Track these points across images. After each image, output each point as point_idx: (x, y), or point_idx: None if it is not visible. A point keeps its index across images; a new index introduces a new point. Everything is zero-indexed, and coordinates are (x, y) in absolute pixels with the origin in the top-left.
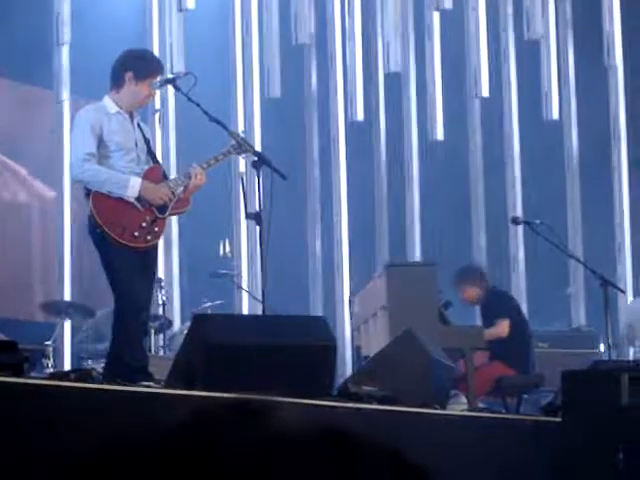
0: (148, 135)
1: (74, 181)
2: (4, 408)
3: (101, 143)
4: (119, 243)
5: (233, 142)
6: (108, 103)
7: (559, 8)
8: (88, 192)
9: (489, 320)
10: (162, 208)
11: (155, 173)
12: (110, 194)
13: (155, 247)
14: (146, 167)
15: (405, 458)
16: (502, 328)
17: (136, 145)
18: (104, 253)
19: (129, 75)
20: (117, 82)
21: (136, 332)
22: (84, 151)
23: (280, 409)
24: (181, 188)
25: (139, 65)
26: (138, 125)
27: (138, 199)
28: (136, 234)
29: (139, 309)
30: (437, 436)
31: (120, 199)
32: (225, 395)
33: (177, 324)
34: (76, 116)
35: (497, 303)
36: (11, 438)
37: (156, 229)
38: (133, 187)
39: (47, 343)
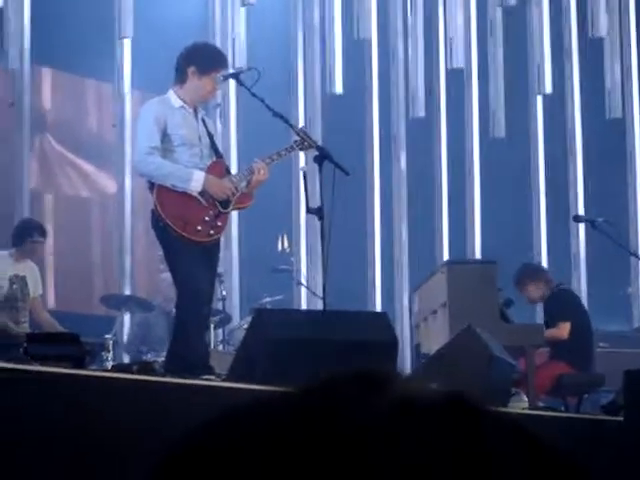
0: (212, 130)
1: (138, 174)
2: (65, 400)
3: (165, 137)
4: (182, 237)
5: (296, 138)
6: (172, 97)
7: (623, 5)
8: (152, 185)
9: (551, 320)
10: (225, 203)
11: (218, 168)
12: (174, 188)
13: (218, 242)
14: (209, 162)
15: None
16: (563, 331)
17: (200, 140)
18: (167, 247)
19: (192, 70)
20: (181, 76)
21: (198, 326)
22: (148, 144)
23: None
24: (244, 183)
25: (202, 59)
26: (202, 120)
27: (201, 193)
28: (199, 228)
29: (201, 303)
30: None
31: (184, 193)
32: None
33: (236, 319)
34: (141, 109)
35: (561, 303)
36: (73, 430)
37: (219, 224)
38: (197, 181)
39: (107, 336)
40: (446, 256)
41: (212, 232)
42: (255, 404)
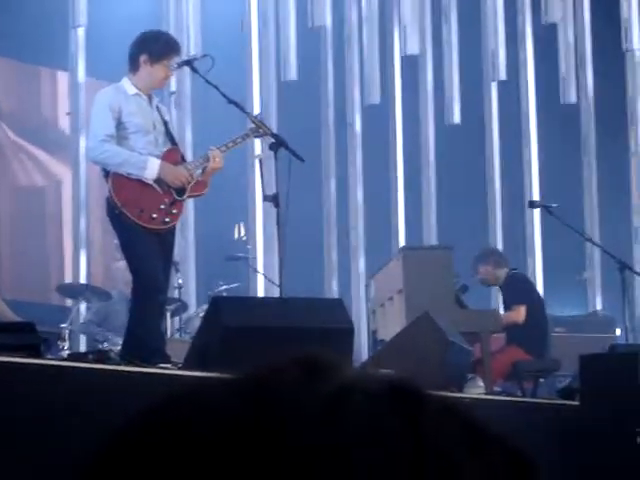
0: (166, 117)
1: (92, 162)
2: (21, 389)
3: (119, 124)
4: (137, 224)
5: (252, 125)
6: (126, 85)
7: None
8: (106, 173)
9: (507, 304)
10: (180, 191)
11: (173, 155)
12: (129, 175)
13: (173, 230)
14: (164, 149)
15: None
16: (518, 314)
17: (154, 127)
18: (122, 234)
19: (144, 58)
20: (133, 64)
21: (154, 313)
22: (103, 132)
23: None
24: (199, 171)
25: (154, 47)
26: (157, 107)
27: (157, 181)
28: (154, 216)
29: (157, 290)
30: None
31: (139, 180)
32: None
33: (193, 307)
34: (95, 97)
35: (515, 288)
36: (28, 419)
37: (174, 211)
38: (152, 168)
39: (63, 325)
40: (402, 242)
41: (167, 220)
42: (195, 390)
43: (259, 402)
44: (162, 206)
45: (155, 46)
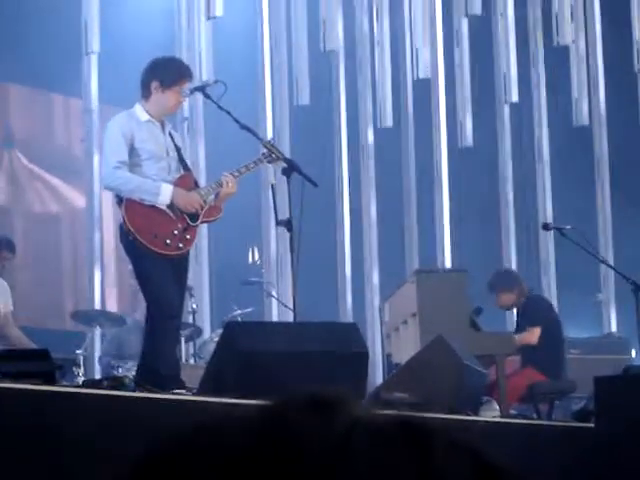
0: (179, 143)
1: (106, 189)
2: (36, 416)
3: (132, 151)
4: (151, 250)
5: (264, 150)
6: (139, 111)
7: (588, 13)
8: (120, 200)
9: (522, 325)
10: (194, 216)
11: (186, 181)
12: (142, 201)
13: (187, 255)
14: (177, 175)
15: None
16: (532, 336)
17: (167, 153)
18: (136, 260)
19: (155, 84)
20: (145, 91)
21: (168, 339)
22: (116, 159)
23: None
24: (212, 196)
25: (164, 73)
26: (169, 133)
27: (170, 207)
28: (168, 242)
29: (171, 316)
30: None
31: (152, 206)
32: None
33: (207, 332)
34: (108, 124)
35: (533, 309)
36: (43, 446)
37: (188, 237)
38: (165, 194)
39: (78, 352)
40: (416, 265)
41: (181, 245)
42: (213, 425)
43: (274, 441)
44: (176, 232)
45: (166, 73)
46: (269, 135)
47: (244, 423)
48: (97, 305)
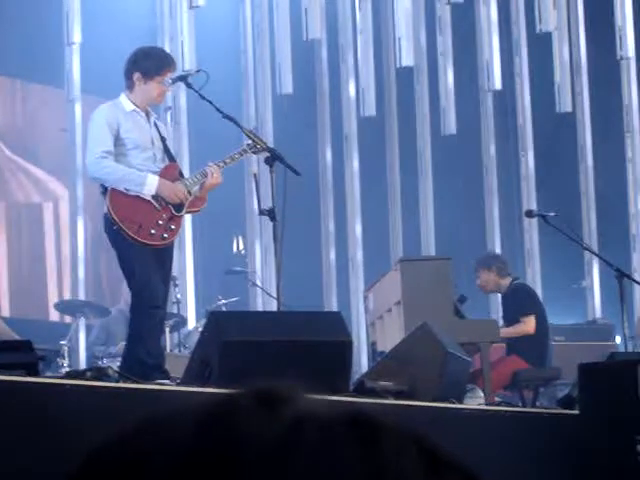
0: (164, 133)
1: (91, 179)
2: (19, 408)
3: (117, 141)
4: (135, 240)
5: (249, 141)
6: (124, 101)
7: (570, 0)
8: (104, 189)
9: (513, 315)
10: (178, 206)
11: (171, 171)
12: (127, 191)
13: (171, 245)
14: (162, 165)
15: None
16: (529, 325)
17: (152, 143)
18: (120, 250)
19: (137, 75)
20: (128, 82)
21: (153, 330)
22: (101, 148)
23: (299, 399)
24: (197, 187)
25: (146, 64)
26: (154, 123)
27: (155, 197)
28: (153, 232)
29: (156, 307)
30: (453, 430)
31: (137, 197)
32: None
33: (191, 322)
34: (93, 114)
35: (522, 298)
36: (26, 438)
37: (172, 227)
38: (150, 184)
39: (62, 342)
40: (400, 253)
41: (166, 235)
42: (157, 420)
43: (213, 436)
44: (160, 222)
45: (146, 64)
46: (252, 124)
47: (187, 417)
48: (81, 296)
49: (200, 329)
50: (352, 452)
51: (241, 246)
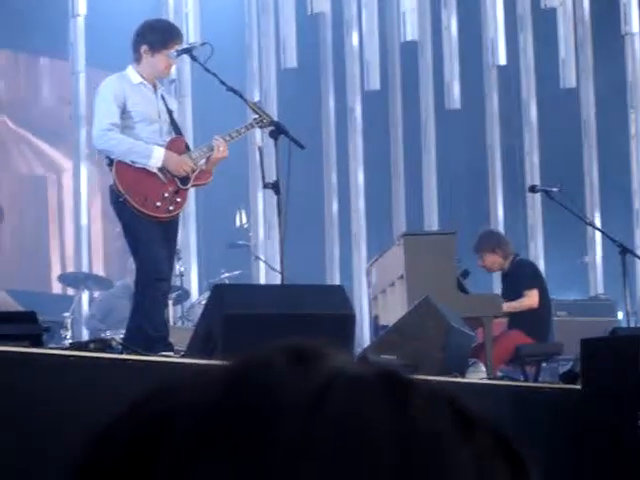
0: (171, 106)
1: (97, 150)
2: (23, 379)
3: (124, 113)
4: (141, 212)
5: (256, 116)
6: (131, 74)
7: None
8: (110, 162)
9: (515, 290)
10: (184, 179)
11: (178, 144)
12: (133, 164)
13: (176, 218)
14: (169, 138)
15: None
16: (532, 299)
17: (159, 116)
18: (126, 222)
19: (144, 48)
20: (136, 55)
21: (157, 302)
22: (107, 121)
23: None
24: (203, 160)
25: (153, 38)
26: (162, 96)
27: (161, 170)
28: (158, 204)
29: (161, 279)
30: None
31: (143, 169)
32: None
33: (195, 295)
34: (100, 86)
35: (524, 273)
36: (30, 408)
37: (178, 200)
38: (156, 157)
39: (65, 314)
40: (404, 228)
41: (171, 208)
42: (180, 381)
43: (244, 393)
44: (166, 194)
45: (153, 36)
46: (256, 98)
47: (215, 377)
48: (84, 268)
49: (203, 302)
50: (384, 412)
51: (244, 219)
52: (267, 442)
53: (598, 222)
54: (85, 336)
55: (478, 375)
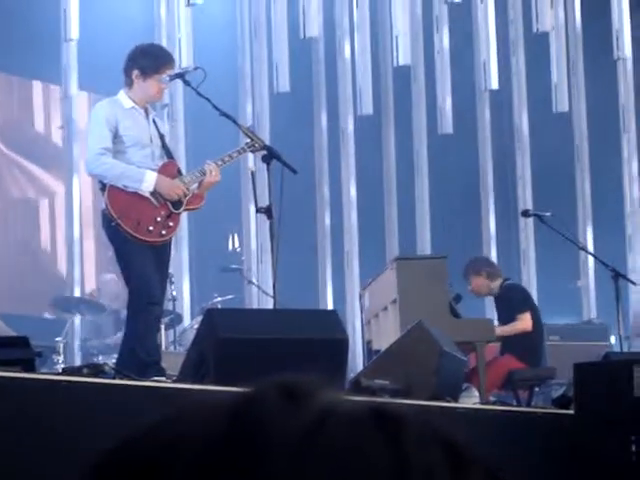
0: (163, 131)
1: (90, 175)
2: (15, 404)
3: (116, 138)
4: (134, 237)
5: (248, 140)
6: (123, 98)
7: (567, 0)
8: (103, 186)
9: (508, 314)
10: (177, 204)
11: (170, 168)
12: (125, 188)
13: (169, 243)
14: (161, 163)
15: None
16: (526, 322)
17: (151, 140)
18: (118, 247)
19: (136, 73)
20: (127, 79)
21: (149, 327)
22: (100, 145)
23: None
24: (195, 184)
25: (145, 62)
26: (153, 120)
27: (153, 194)
28: (151, 228)
29: (152, 303)
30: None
31: (135, 193)
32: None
33: (187, 319)
34: (92, 110)
35: (515, 297)
36: (23, 433)
37: (171, 224)
38: (148, 181)
39: (57, 339)
40: (396, 252)
41: (164, 232)
42: (177, 416)
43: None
44: (158, 219)
45: (145, 61)
46: (249, 122)
47: (213, 413)
48: (76, 292)
49: (196, 327)
50: (377, 447)
51: (237, 244)
52: (260, 477)
53: (591, 246)
54: (78, 361)
55: (471, 400)
